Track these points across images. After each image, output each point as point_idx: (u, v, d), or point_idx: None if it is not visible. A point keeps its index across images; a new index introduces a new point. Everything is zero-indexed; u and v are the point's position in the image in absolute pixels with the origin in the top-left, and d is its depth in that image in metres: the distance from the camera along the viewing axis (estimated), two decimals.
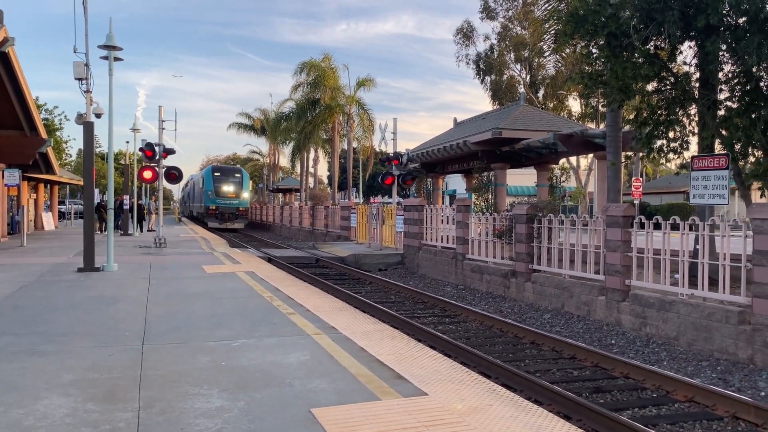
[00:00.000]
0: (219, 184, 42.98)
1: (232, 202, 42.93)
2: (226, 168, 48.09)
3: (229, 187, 43.21)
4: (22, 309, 8.55)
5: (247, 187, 45.02)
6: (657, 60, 12.21)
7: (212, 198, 42.37)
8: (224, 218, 41.94)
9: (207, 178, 43.84)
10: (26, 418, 4.26)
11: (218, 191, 42.63)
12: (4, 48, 20.14)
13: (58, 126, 47.08)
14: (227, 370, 5.53)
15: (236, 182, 43.99)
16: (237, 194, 43.47)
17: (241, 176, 45.09)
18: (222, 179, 43.51)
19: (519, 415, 4.52)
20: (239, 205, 43.39)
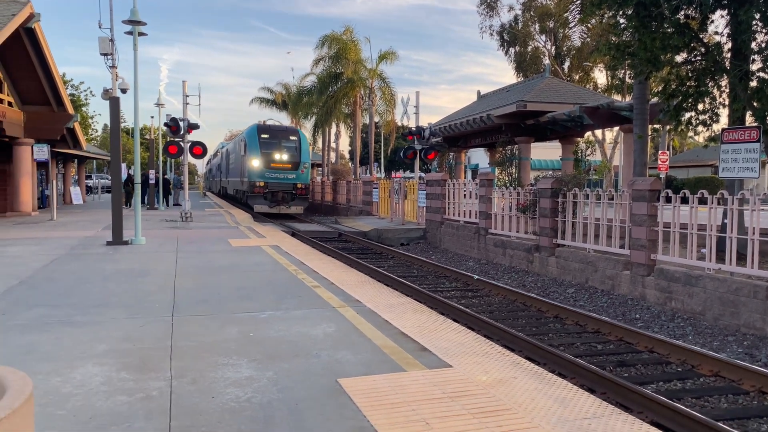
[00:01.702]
0: (269, 150, 29.32)
1: (287, 176, 29.28)
2: (278, 128, 32.08)
3: (283, 154, 29.57)
4: (55, 281, 8.79)
5: (307, 156, 30.88)
6: (687, 30, 11.90)
7: (259, 170, 28.82)
8: (277, 199, 28.84)
9: (251, 143, 29.68)
10: (64, 386, 4.42)
11: (268, 161, 29.07)
12: (30, 24, 20.36)
13: (84, 101, 47.67)
14: (255, 341, 5.65)
15: (292, 148, 30.04)
16: (294, 165, 29.60)
17: (299, 139, 30.74)
18: (273, 144, 29.70)
19: (543, 387, 4.56)
20: (297, 180, 29.50)
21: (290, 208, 29.25)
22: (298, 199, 29.60)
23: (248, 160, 29.27)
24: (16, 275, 9.22)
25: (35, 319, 6.44)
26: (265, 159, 28.96)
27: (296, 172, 29.49)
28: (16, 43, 20.63)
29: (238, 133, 48.69)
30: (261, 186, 28.60)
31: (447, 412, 4.01)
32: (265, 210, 28.71)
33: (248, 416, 3.90)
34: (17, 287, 8.30)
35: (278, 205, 28.89)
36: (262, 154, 29.03)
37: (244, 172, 30.08)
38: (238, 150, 32.48)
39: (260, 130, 30.42)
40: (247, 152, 29.81)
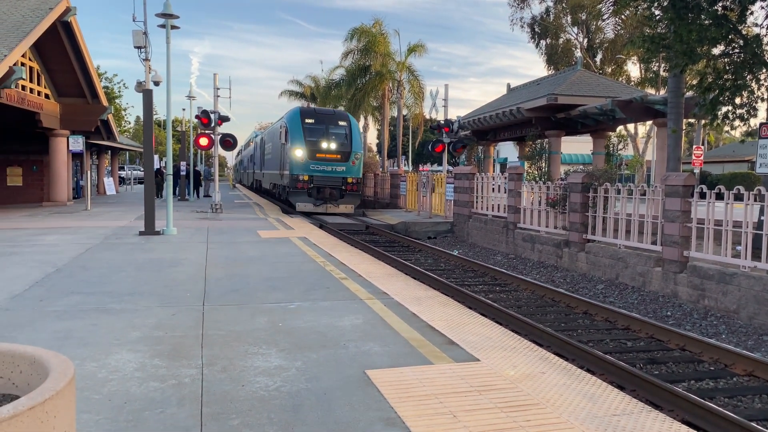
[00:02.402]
0: (314, 138, 24.25)
1: (335, 168, 24.25)
2: (325, 112, 27.04)
3: (331, 143, 24.40)
4: (90, 269, 9.00)
5: (359, 145, 25.57)
6: (725, 21, 11.61)
7: (302, 162, 23.94)
8: (323, 196, 24.01)
9: (293, 129, 24.61)
10: (100, 371, 4.54)
11: (313, 151, 24.05)
12: (67, 17, 20.79)
13: (118, 94, 48.52)
14: (284, 331, 5.72)
15: (341, 135, 24.91)
16: (344, 155, 24.47)
17: (349, 125, 25.48)
18: (319, 131, 24.59)
19: (572, 383, 4.52)
20: (347, 173, 24.46)
21: (339, 207, 24.02)
22: (348, 195, 24.27)
23: (290, 150, 24.08)
24: (52, 263, 9.47)
25: (71, 306, 6.62)
26: (309, 148, 23.73)
27: (346, 164, 24.26)
28: (53, 37, 21.11)
29: (268, 126, 43.85)
30: (305, 180, 23.53)
31: (474, 405, 4.02)
32: (309, 209, 23.73)
33: (278, 405, 3.96)
34: (54, 275, 8.53)
35: (325, 204, 23.83)
36: (307, 142, 23.74)
37: (284, 164, 25.07)
38: (277, 138, 27.12)
39: (304, 114, 25.03)
40: (288, 140, 24.45)
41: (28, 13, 19.53)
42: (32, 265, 9.30)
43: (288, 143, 24.49)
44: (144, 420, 3.69)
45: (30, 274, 8.54)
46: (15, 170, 25.70)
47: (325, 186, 23.83)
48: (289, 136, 24.39)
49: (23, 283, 7.83)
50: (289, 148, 24.20)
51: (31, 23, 18.80)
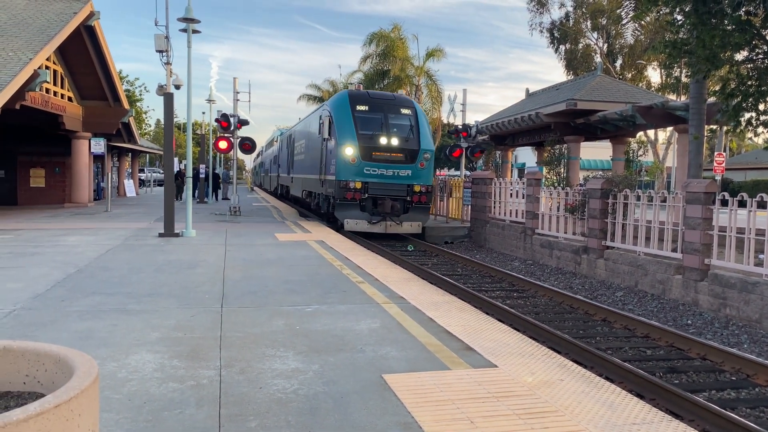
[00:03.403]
0: (369, 131, 17.89)
1: (398, 173, 17.88)
2: (382, 97, 19.98)
3: (392, 138, 17.95)
4: (111, 270, 9.11)
5: (429, 141, 18.65)
6: (749, 27, 11.47)
7: (353, 163, 17.55)
8: (383, 210, 17.64)
9: (341, 119, 18.16)
10: (120, 371, 4.59)
11: (368, 148, 17.63)
12: (90, 22, 21.12)
13: (139, 97, 49.14)
14: (302, 334, 5.74)
15: (406, 128, 18.45)
16: (410, 155, 18.05)
17: (415, 114, 18.89)
18: (375, 121, 18.19)
19: (591, 390, 4.48)
20: (414, 179, 17.98)
21: (402, 225, 17.55)
22: (415, 209, 17.67)
23: (336, 148, 17.48)
24: (74, 263, 9.60)
25: (92, 306, 6.70)
26: (363, 145, 17.20)
27: (412, 167, 17.55)
28: (76, 41, 21.45)
29: (285, 129, 36.30)
30: (357, 189, 17.11)
31: (492, 411, 4.00)
32: (362, 227, 17.34)
33: (295, 407, 3.97)
34: (75, 275, 8.64)
35: (384, 220, 17.34)
36: (360, 137, 17.24)
37: (327, 166, 18.46)
38: (315, 132, 20.44)
39: (355, 99, 18.28)
40: (333, 134, 17.89)
41: (53, 17, 19.87)
42: (54, 265, 9.44)
43: (333, 138, 17.79)
44: (163, 420, 3.72)
45: (52, 274, 8.66)
46: (38, 172, 26.10)
47: (384, 196, 17.19)
48: (335, 129, 17.67)
49: (45, 283, 7.95)
50: (336, 145, 17.43)
51: (56, 27, 19.13)
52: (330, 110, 18.54)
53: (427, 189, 17.90)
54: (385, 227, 17.49)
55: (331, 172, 17.84)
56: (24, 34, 18.64)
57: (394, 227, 17.56)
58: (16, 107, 17.15)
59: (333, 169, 17.64)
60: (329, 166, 18.22)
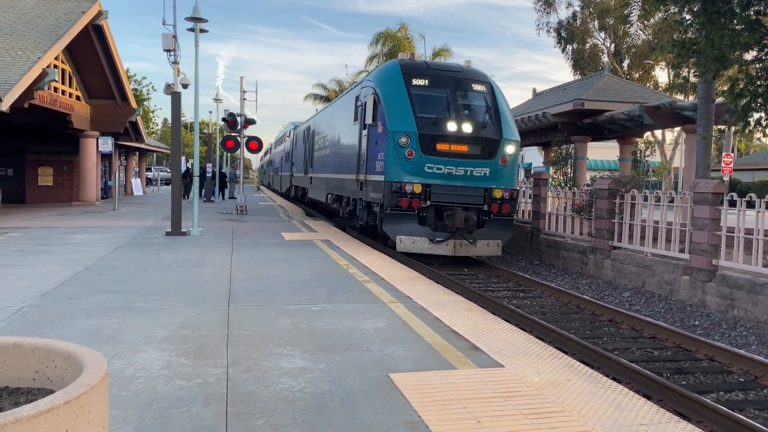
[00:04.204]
0: (431, 114, 12.72)
1: (472, 172, 12.66)
2: (445, 68, 14.11)
3: (463, 123, 12.70)
4: (118, 268, 9.15)
5: (511, 129, 13.34)
6: (759, 26, 11.40)
7: (410, 158, 12.40)
8: (453, 224, 12.37)
9: (391, 97, 12.92)
10: (127, 368, 4.61)
11: (431, 137, 12.47)
12: (98, 21, 21.22)
13: (146, 96, 49.34)
14: (308, 333, 5.74)
15: (481, 110, 13.32)
16: (487, 148, 12.82)
17: (491, 92, 13.59)
18: (438, 100, 12.97)
19: (598, 391, 4.47)
20: (494, 181, 12.81)
21: (476, 245, 12.80)
22: (494, 223, 12.99)
23: (385, 137, 12.73)
24: (81, 261, 9.65)
25: (100, 304, 6.73)
26: (425, 133, 12.52)
27: (491, 164, 12.85)
28: (85, 40, 21.55)
29: (300, 122, 31.15)
30: (414, 193, 12.42)
31: (499, 411, 3.99)
32: (422, 248, 12.59)
33: (302, 406, 3.98)
34: (83, 273, 8.69)
35: (453, 237, 12.63)
36: (420, 122, 12.59)
37: (370, 163, 13.64)
38: (348, 119, 15.99)
39: (409, 70, 13.32)
40: (380, 119, 13.10)
41: (61, 16, 19.97)
42: (62, 263, 9.48)
43: (380, 124, 12.92)
44: (170, 418, 3.73)
45: (60, 272, 8.71)
46: (46, 170, 26.24)
47: (452, 204, 12.44)
48: (384, 111, 12.74)
49: (53, 281, 7.99)
50: (385, 133, 12.61)
51: (64, 27, 19.22)
52: (375, 87, 13.32)
53: (511, 195, 12.77)
54: (454, 248, 12.43)
55: (377, 170, 12.89)
56: (32, 33, 18.74)
57: (465, 248, 12.50)
58: (24, 106, 17.25)
59: (380, 166, 12.67)
60: (373, 163, 13.22)
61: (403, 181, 12.29)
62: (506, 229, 13.14)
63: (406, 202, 12.26)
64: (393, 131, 12.34)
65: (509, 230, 13.29)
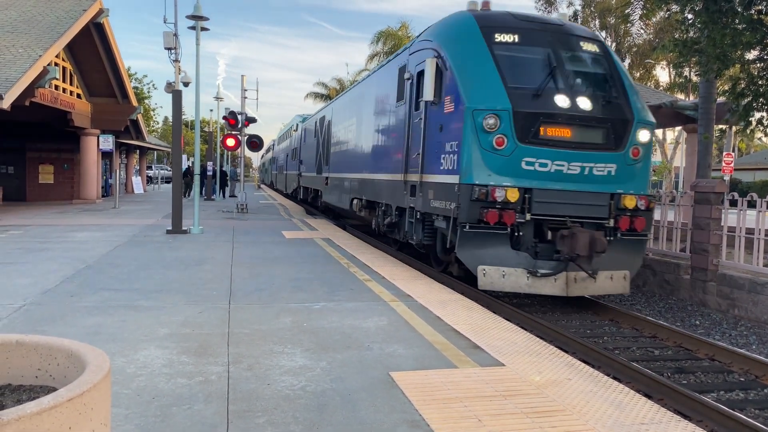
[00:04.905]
0: (528, 84, 8.61)
1: (591, 170, 8.50)
2: (539, 21, 9.77)
3: (578, 96, 8.57)
4: (119, 267, 9.15)
5: (639, 107, 8.95)
6: (760, 26, 11.39)
7: (498, 150, 8.28)
8: (571, 248, 8.16)
9: (467, 58, 8.91)
10: (128, 366, 4.61)
11: (532, 117, 8.29)
12: (100, 19, 21.21)
13: (147, 94, 49.34)
14: (309, 331, 5.75)
15: (598, 79, 9.20)
16: (614, 133, 8.62)
17: (606, 54, 9.53)
18: (537, 63, 8.91)
19: (598, 390, 4.47)
20: (622, 184, 8.69)
21: (598, 280, 8.63)
22: (621, 244, 8.83)
23: (458, 118, 8.70)
24: (82, 259, 9.66)
25: (101, 302, 6.74)
26: (522, 111, 8.37)
27: (618, 157, 8.75)
28: (85, 38, 21.56)
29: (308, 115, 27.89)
30: (508, 202, 8.28)
31: (500, 410, 3.99)
32: (518, 285, 8.50)
33: (303, 404, 3.98)
34: (84, 271, 8.69)
35: (564, 267, 8.41)
36: (512, 94, 8.44)
37: (432, 157, 9.60)
38: (389, 97, 12.26)
39: (489, 23, 9.35)
40: (446, 91, 9.19)
41: (62, 14, 19.97)
42: (63, 261, 9.49)
43: (447, 100, 9.21)
44: (172, 415, 3.74)
45: (61, 269, 8.71)
46: (47, 168, 26.26)
47: (563, 218, 8.60)
48: (455, 80, 8.98)
49: (55, 279, 8.00)
50: (456, 112, 8.89)
51: (65, 24, 19.22)
52: (438, 47, 9.48)
53: (647, 203, 8.86)
54: (566, 284, 8.44)
55: (444, 167, 9.01)
56: (33, 31, 18.74)
57: (581, 284, 8.55)
58: (25, 104, 17.25)
59: (450, 162, 8.85)
60: (435, 157, 9.34)
61: (489, 184, 8.22)
62: (637, 253, 9.11)
63: (494, 215, 8.13)
64: (474, 109, 8.30)
65: (641, 255, 9.25)
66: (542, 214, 8.47)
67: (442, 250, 9.85)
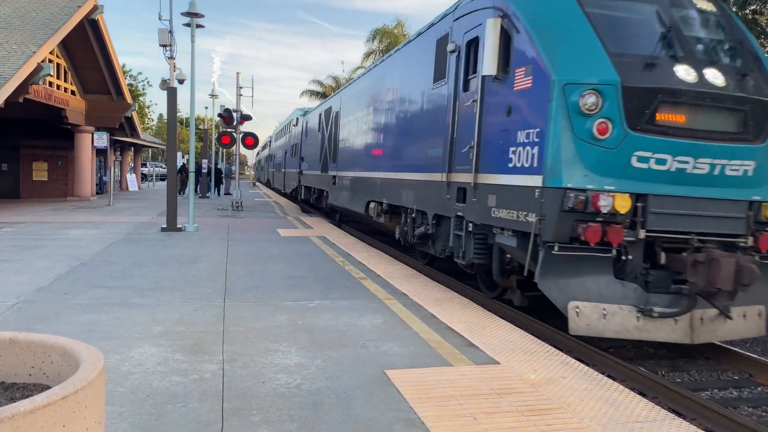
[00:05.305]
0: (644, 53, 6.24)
1: (723, 168, 6.28)
2: None
3: (709, 66, 6.31)
4: (114, 264, 9.12)
5: None
6: (755, 26, 11.46)
7: (600, 140, 6.04)
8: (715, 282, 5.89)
9: (547, 15, 6.70)
10: (123, 364, 4.60)
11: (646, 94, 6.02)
12: (94, 15, 21.11)
13: (142, 92, 49.19)
14: (304, 329, 5.74)
15: (725, 46, 6.79)
16: (754, 122, 6.34)
17: (730, 21, 7.14)
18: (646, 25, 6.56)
19: (593, 388, 4.49)
20: (760, 191, 6.49)
21: (733, 319, 6.41)
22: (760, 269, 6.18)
23: (536, 98, 6.47)
24: (77, 257, 9.62)
25: (95, 300, 6.71)
26: (633, 86, 6.08)
27: (755, 151, 6.45)
28: (80, 34, 21.44)
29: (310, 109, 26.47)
30: (615, 213, 6.03)
31: (495, 408, 4.00)
32: (626, 329, 6.21)
33: (298, 402, 3.98)
34: (79, 268, 8.66)
35: (693, 305, 6.23)
36: (617, 63, 6.17)
37: (492, 151, 7.29)
38: (425, 72, 9.76)
39: None
40: (517, 61, 6.84)
41: (56, 11, 19.87)
42: (57, 258, 9.45)
43: (518, 72, 6.83)
44: (166, 413, 3.73)
45: (55, 267, 8.68)
46: (41, 165, 26.12)
47: (688, 236, 6.33)
48: (533, 45, 6.61)
49: (49, 276, 7.96)
50: (537, 88, 6.48)
51: (60, 21, 19.12)
52: (506, 2, 7.25)
53: None
54: (691, 327, 6.41)
55: (521, 165, 6.79)
56: (27, 27, 18.64)
57: (710, 326, 6.52)
58: (19, 100, 17.16)
59: (528, 157, 6.65)
60: (498, 152, 7.21)
61: (587, 187, 6.07)
62: None
63: (596, 232, 5.97)
64: (566, 82, 6.15)
65: None
66: (660, 230, 6.24)
67: (500, 272, 7.75)
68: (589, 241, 5.97)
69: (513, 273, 7.65)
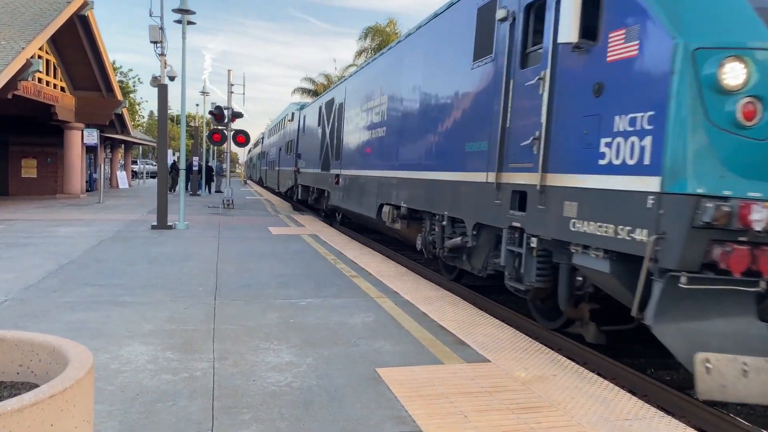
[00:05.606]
0: None
1: None
2: None
3: None
4: (104, 262, 9.06)
5: None
6: None
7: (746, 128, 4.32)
8: None
9: None
10: (112, 362, 4.57)
11: None
12: (84, 11, 20.96)
13: (132, 89, 48.88)
14: (295, 328, 5.73)
15: None
16: None
17: None
18: None
19: (584, 386, 4.50)
20: None
21: None
22: None
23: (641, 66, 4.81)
24: (66, 254, 9.55)
25: (85, 298, 6.67)
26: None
27: None
28: (70, 30, 21.28)
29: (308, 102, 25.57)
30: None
31: (485, 406, 4.01)
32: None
33: (288, 400, 3.97)
34: (68, 266, 8.60)
35: None
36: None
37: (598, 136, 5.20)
38: (458, 49, 8.25)
39: None
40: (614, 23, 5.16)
41: (46, 6, 19.71)
42: (46, 256, 9.38)
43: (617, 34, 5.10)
44: (156, 412, 3.71)
45: (44, 265, 8.61)
46: (30, 162, 25.92)
47: None
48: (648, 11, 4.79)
49: (37, 274, 7.90)
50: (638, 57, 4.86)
51: (49, 17, 18.96)
52: None
53: None
54: None
55: (621, 161, 4.97)
56: (16, 23, 18.47)
57: None
58: (8, 97, 17.01)
59: (633, 149, 4.83)
60: (583, 142, 5.46)
61: (726, 194, 4.45)
62: None
63: (743, 256, 4.38)
64: (697, 47, 4.53)
65: None
66: None
67: (568, 300, 6.31)
68: (732, 270, 4.35)
69: (585, 300, 6.24)
